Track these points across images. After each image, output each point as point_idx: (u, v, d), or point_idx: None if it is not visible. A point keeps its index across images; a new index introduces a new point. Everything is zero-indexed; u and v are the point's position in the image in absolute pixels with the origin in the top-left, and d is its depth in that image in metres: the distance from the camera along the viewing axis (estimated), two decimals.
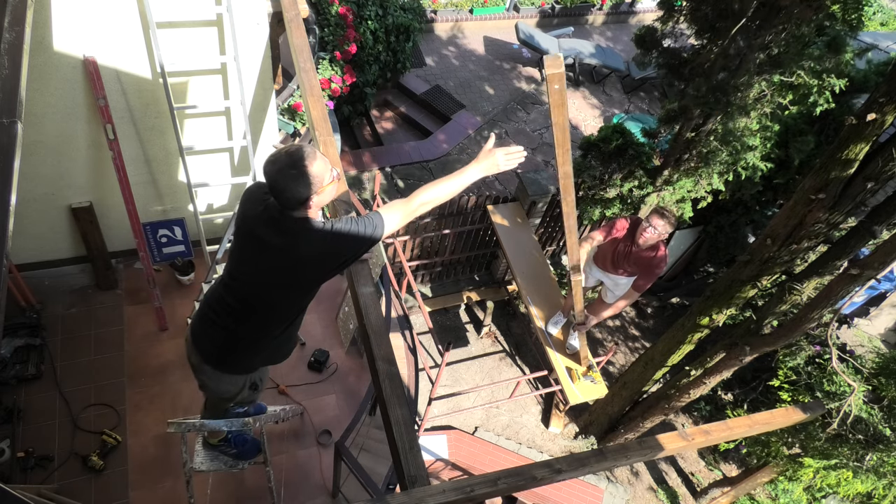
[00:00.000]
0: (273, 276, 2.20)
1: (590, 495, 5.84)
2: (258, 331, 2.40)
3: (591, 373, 5.32)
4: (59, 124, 3.32)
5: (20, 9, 1.97)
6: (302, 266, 2.16)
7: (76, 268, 4.13)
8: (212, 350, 2.49)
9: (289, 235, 2.11)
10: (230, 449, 3.13)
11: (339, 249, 2.14)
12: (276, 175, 1.97)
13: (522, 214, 6.18)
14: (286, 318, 2.40)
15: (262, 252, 2.17)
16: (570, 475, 2.32)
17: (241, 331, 2.39)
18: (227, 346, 2.44)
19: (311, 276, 2.21)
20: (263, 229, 2.14)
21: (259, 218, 2.15)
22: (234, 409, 2.88)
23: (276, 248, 2.13)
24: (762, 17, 4.12)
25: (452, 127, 8.66)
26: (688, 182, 5.20)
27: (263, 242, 2.15)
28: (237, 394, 2.70)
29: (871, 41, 8.37)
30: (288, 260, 2.14)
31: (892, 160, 2.90)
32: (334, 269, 2.22)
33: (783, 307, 3.94)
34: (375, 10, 7.21)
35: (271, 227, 2.12)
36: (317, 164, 2.01)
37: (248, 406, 2.92)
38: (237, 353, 2.48)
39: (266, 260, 2.17)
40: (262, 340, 2.45)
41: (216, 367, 2.53)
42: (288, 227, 2.10)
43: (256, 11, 3.43)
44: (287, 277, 2.20)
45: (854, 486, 4.44)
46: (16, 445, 3.38)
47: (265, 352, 2.55)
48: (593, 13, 11.31)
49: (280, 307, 2.32)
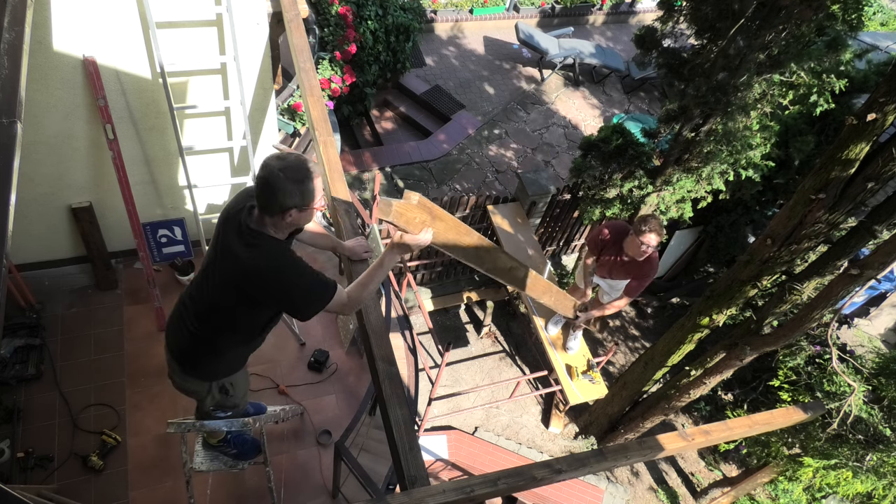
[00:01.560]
0: (225, 282, 2.18)
1: (590, 495, 5.84)
2: (216, 337, 2.37)
3: (591, 373, 5.33)
4: (59, 124, 3.32)
5: (20, 9, 1.97)
6: (245, 284, 2.12)
7: (76, 268, 4.13)
8: (177, 349, 2.50)
9: (250, 249, 2.07)
10: (230, 449, 3.13)
11: (283, 293, 2.12)
12: (278, 172, 1.95)
13: (522, 214, 6.18)
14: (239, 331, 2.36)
15: (223, 258, 2.17)
16: (570, 475, 2.33)
17: (201, 334, 2.37)
18: (189, 347, 2.44)
19: (251, 297, 2.16)
20: (232, 235, 2.13)
21: (232, 222, 2.14)
22: (214, 413, 2.81)
23: (234, 256, 2.10)
24: (762, 16, 4.12)
25: (452, 127, 8.66)
26: (688, 182, 5.20)
27: (226, 248, 2.14)
28: (206, 396, 2.66)
29: (871, 41, 8.36)
30: (237, 272, 2.11)
31: (892, 160, 2.90)
32: (269, 306, 2.21)
33: (783, 307, 3.94)
34: (375, 10, 7.21)
35: (239, 235, 2.11)
36: (318, 183, 2.03)
37: (232, 411, 2.85)
38: (198, 356, 2.47)
39: (224, 265, 2.17)
40: (220, 348, 2.43)
41: (181, 367, 2.53)
42: (252, 241, 2.08)
43: (256, 11, 3.43)
44: (234, 288, 2.16)
45: (854, 486, 4.44)
46: (16, 445, 3.38)
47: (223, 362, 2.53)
48: (593, 13, 11.30)
49: (232, 317, 2.29)
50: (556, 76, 10.00)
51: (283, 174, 1.95)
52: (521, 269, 2.85)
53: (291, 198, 1.98)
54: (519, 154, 8.65)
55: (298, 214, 2.05)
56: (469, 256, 2.33)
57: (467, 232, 2.26)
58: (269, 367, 4.03)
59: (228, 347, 2.46)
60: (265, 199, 2.01)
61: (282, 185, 1.96)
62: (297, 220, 2.08)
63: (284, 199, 1.98)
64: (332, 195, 2.69)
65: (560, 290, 3.62)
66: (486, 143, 8.65)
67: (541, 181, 6.09)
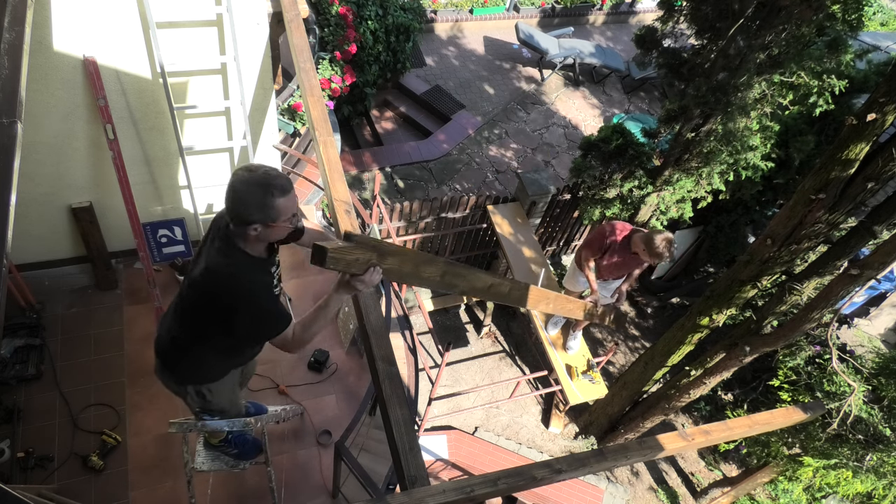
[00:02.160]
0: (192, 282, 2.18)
1: (590, 495, 5.84)
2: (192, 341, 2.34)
3: (591, 373, 5.33)
4: (59, 124, 3.32)
5: (20, 9, 1.97)
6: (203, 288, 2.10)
7: (76, 268, 4.12)
8: (159, 346, 2.50)
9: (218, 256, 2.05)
10: (231, 449, 3.13)
11: (229, 310, 2.06)
12: (242, 184, 1.89)
13: (522, 214, 6.18)
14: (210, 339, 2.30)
15: (198, 259, 2.17)
16: (570, 475, 2.33)
17: (178, 335, 2.36)
18: (168, 346, 2.43)
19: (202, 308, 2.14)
20: (212, 239, 2.12)
21: (218, 224, 2.13)
22: (201, 415, 2.77)
23: (204, 260, 2.10)
24: (762, 17, 4.12)
25: (452, 127, 8.66)
26: (688, 182, 5.20)
27: (203, 250, 2.15)
28: (185, 397, 2.64)
29: (872, 41, 8.36)
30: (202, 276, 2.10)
31: (892, 160, 2.90)
32: (217, 322, 2.12)
33: (783, 307, 3.94)
34: (375, 10, 7.21)
35: (216, 239, 2.10)
36: (285, 201, 1.93)
37: (219, 414, 2.80)
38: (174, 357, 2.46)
39: (196, 267, 2.17)
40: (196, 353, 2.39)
41: (161, 364, 2.54)
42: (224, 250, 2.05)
43: (256, 11, 3.43)
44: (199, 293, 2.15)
45: (854, 485, 4.44)
46: (16, 445, 3.38)
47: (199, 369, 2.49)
48: (593, 13, 11.31)
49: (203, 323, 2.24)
50: (556, 76, 10.00)
51: (246, 187, 1.89)
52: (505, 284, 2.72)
53: (253, 212, 1.91)
54: (519, 154, 8.65)
55: (265, 230, 1.97)
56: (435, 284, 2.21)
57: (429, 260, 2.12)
58: (269, 367, 4.03)
59: (204, 354, 2.40)
60: (228, 210, 1.96)
61: (243, 198, 1.90)
62: (265, 235, 2.01)
63: (246, 212, 1.92)
64: (332, 195, 2.69)
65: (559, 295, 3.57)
66: (486, 143, 8.66)
67: (541, 181, 6.09)
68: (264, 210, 1.91)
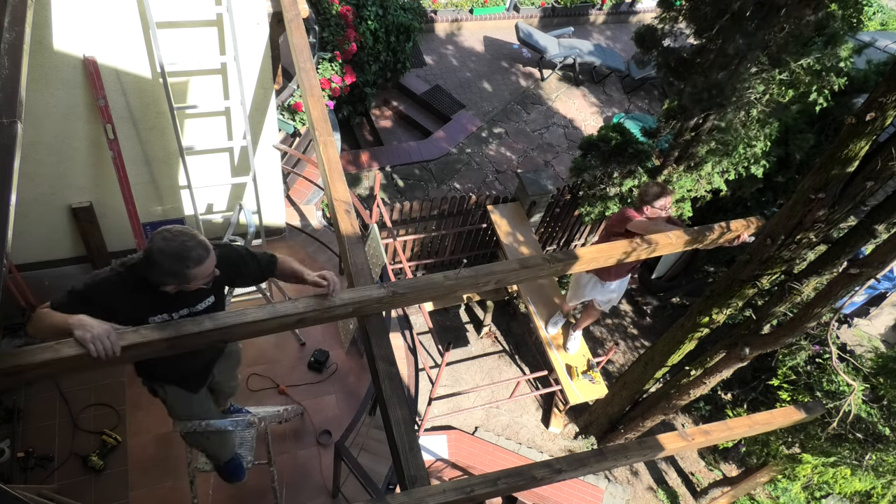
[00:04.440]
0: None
1: (590, 495, 5.85)
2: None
3: (591, 372, 5.33)
4: (59, 124, 3.32)
5: (20, 9, 1.97)
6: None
7: (76, 268, 4.12)
8: None
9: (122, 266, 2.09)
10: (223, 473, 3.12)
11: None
12: (157, 255, 1.92)
13: (522, 214, 6.18)
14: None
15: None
16: (570, 475, 2.33)
17: None
18: None
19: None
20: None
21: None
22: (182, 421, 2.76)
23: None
24: (761, 16, 4.12)
25: (452, 127, 8.66)
26: (687, 181, 5.20)
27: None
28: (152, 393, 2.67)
29: (871, 41, 8.35)
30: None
31: (892, 159, 2.90)
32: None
33: (783, 307, 3.94)
34: (375, 9, 7.21)
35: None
36: (200, 270, 1.99)
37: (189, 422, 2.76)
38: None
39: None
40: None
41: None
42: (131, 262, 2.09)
43: (256, 11, 3.43)
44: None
45: (853, 484, 4.44)
46: (16, 445, 3.39)
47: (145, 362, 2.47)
48: (593, 13, 11.31)
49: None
50: (556, 76, 10.00)
51: (162, 258, 1.93)
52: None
53: (169, 280, 2.00)
54: (519, 154, 8.65)
55: (177, 287, 2.05)
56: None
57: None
58: (269, 367, 4.04)
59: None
60: (145, 268, 1.99)
61: (160, 267, 1.96)
62: (177, 289, 2.07)
63: (162, 280, 2.00)
64: (332, 195, 2.69)
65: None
66: (486, 142, 8.66)
67: (541, 181, 6.09)
68: (178, 278, 2.00)
